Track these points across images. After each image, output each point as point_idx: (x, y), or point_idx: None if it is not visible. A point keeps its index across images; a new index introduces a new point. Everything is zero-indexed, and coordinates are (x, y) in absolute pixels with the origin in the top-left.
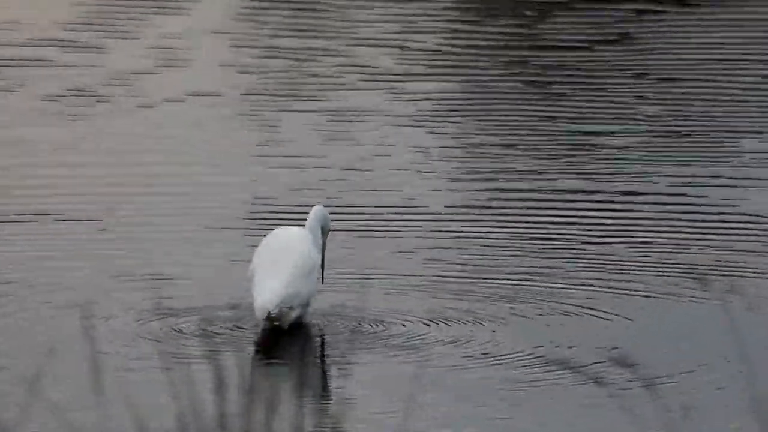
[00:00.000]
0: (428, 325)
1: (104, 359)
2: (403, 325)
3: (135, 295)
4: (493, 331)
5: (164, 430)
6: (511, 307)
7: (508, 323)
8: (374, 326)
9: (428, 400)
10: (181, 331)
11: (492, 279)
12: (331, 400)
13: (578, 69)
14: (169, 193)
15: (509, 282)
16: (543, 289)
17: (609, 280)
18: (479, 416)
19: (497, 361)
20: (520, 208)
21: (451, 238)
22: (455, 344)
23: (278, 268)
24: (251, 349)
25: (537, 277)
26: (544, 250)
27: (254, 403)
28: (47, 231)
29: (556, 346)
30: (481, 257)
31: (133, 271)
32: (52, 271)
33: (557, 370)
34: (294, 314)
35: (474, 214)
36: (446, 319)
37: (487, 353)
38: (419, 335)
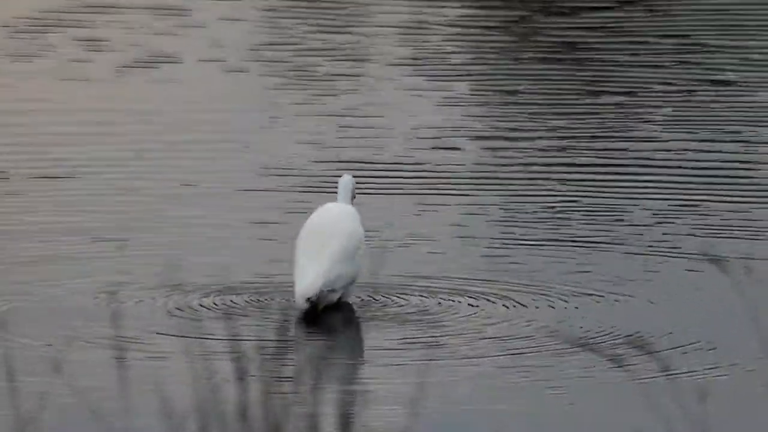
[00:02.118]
0: (440, 303)
1: (127, 342)
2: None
3: (159, 274)
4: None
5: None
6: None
7: (524, 304)
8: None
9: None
10: (204, 311)
11: (507, 255)
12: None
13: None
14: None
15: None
16: (560, 268)
17: (626, 261)
18: (494, 398)
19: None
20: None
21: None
22: (471, 323)
23: (322, 251)
24: (273, 331)
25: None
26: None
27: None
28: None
29: (572, 327)
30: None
31: (156, 249)
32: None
33: (574, 353)
34: (335, 296)
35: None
36: (464, 296)
37: (501, 334)
38: (433, 311)
